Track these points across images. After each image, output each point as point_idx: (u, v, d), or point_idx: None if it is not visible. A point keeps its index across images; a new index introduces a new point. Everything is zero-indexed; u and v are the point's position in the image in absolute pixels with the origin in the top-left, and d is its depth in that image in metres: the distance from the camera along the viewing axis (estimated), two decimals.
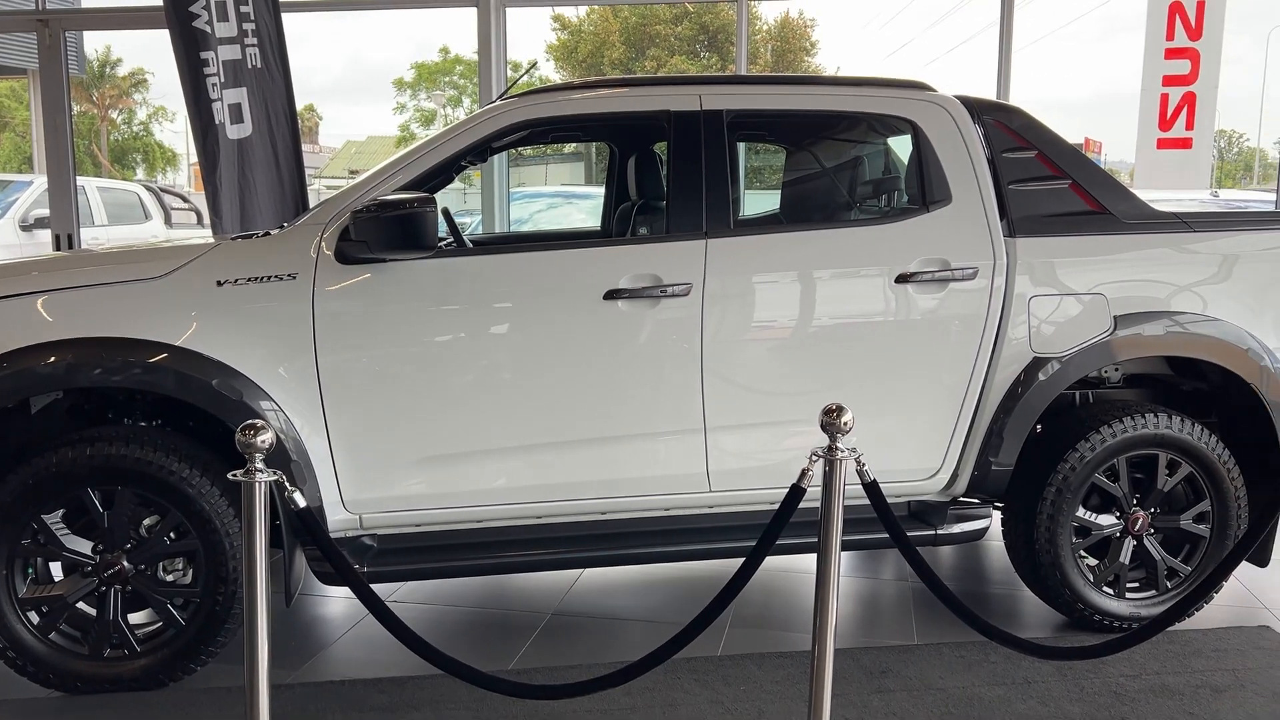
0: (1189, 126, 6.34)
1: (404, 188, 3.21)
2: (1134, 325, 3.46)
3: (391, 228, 2.98)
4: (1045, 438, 3.57)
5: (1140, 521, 3.56)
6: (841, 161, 4.06)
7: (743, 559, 3.55)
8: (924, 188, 3.47)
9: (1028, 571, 3.63)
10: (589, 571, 4.17)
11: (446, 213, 4.10)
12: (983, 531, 3.57)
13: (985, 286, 3.42)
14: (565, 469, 3.28)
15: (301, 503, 2.20)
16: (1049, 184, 3.54)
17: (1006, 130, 3.57)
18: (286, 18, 5.88)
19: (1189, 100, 6.24)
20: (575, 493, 3.31)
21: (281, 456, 3.03)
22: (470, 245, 4.20)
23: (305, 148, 6.28)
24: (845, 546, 3.35)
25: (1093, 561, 3.64)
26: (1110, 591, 3.59)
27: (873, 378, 3.41)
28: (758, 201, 7.94)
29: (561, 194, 14.80)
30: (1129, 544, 3.58)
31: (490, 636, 3.62)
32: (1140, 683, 3.23)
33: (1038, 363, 3.45)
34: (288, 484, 2.18)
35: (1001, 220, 3.47)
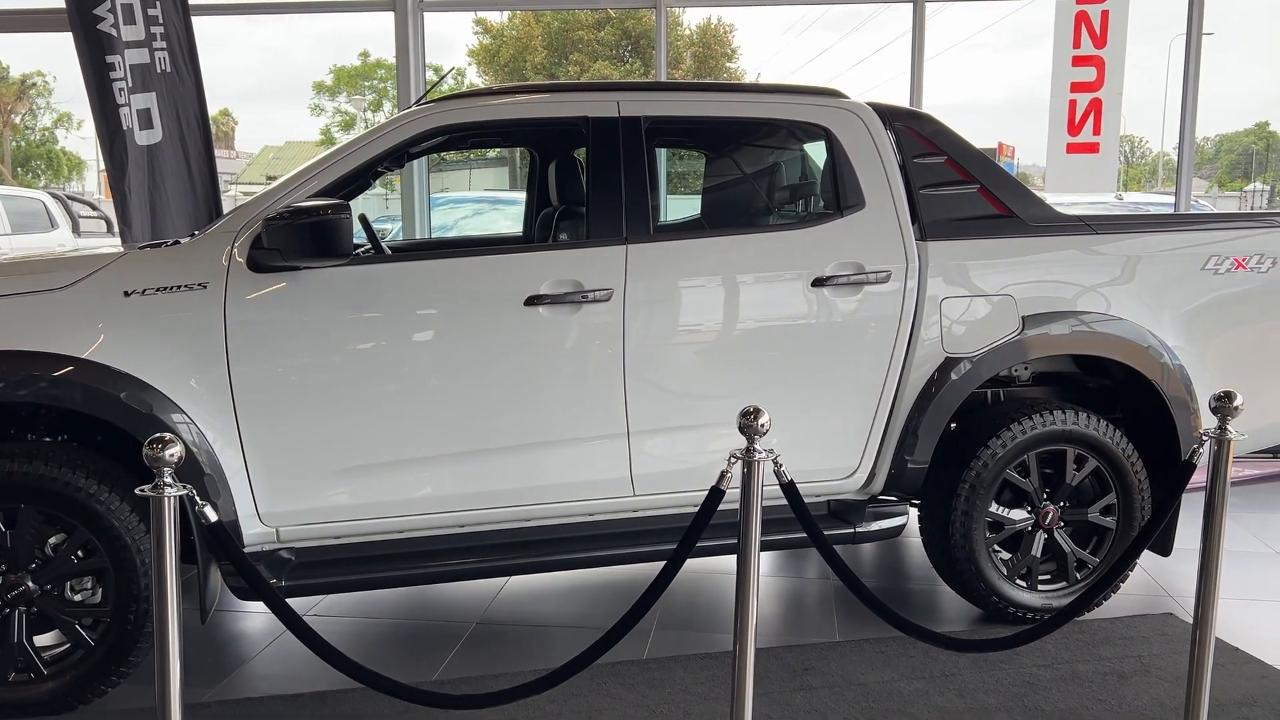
0: (1096, 131, 6.56)
1: (318, 194, 3.16)
2: (1041, 325, 3.57)
3: (305, 235, 2.94)
4: (959, 436, 3.66)
5: (1050, 515, 3.67)
6: (758, 167, 4.11)
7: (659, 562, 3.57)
8: (838, 193, 3.54)
9: (944, 566, 3.72)
10: (514, 579, 4.15)
11: (364, 219, 4.06)
12: (900, 529, 3.65)
13: (898, 289, 3.50)
14: (487, 476, 3.26)
15: (213, 517, 2.15)
16: (958, 189, 3.63)
17: (917, 136, 3.66)
18: (199, 20, 5.75)
19: (1095, 106, 6.47)
20: (498, 500, 3.29)
21: (194, 470, 2.95)
22: (389, 252, 4.16)
23: (221, 153, 6.14)
24: (765, 546, 3.39)
25: (1006, 555, 3.74)
26: (1023, 584, 3.70)
27: (791, 380, 3.46)
28: (686, 207, 8.00)
29: (486, 199, 14.71)
30: (1040, 537, 3.69)
31: (414, 647, 3.58)
32: (1052, 671, 3.33)
33: (950, 363, 3.54)
34: (197, 498, 2.13)
35: (913, 224, 3.55)
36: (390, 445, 3.18)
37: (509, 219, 11.86)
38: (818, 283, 3.44)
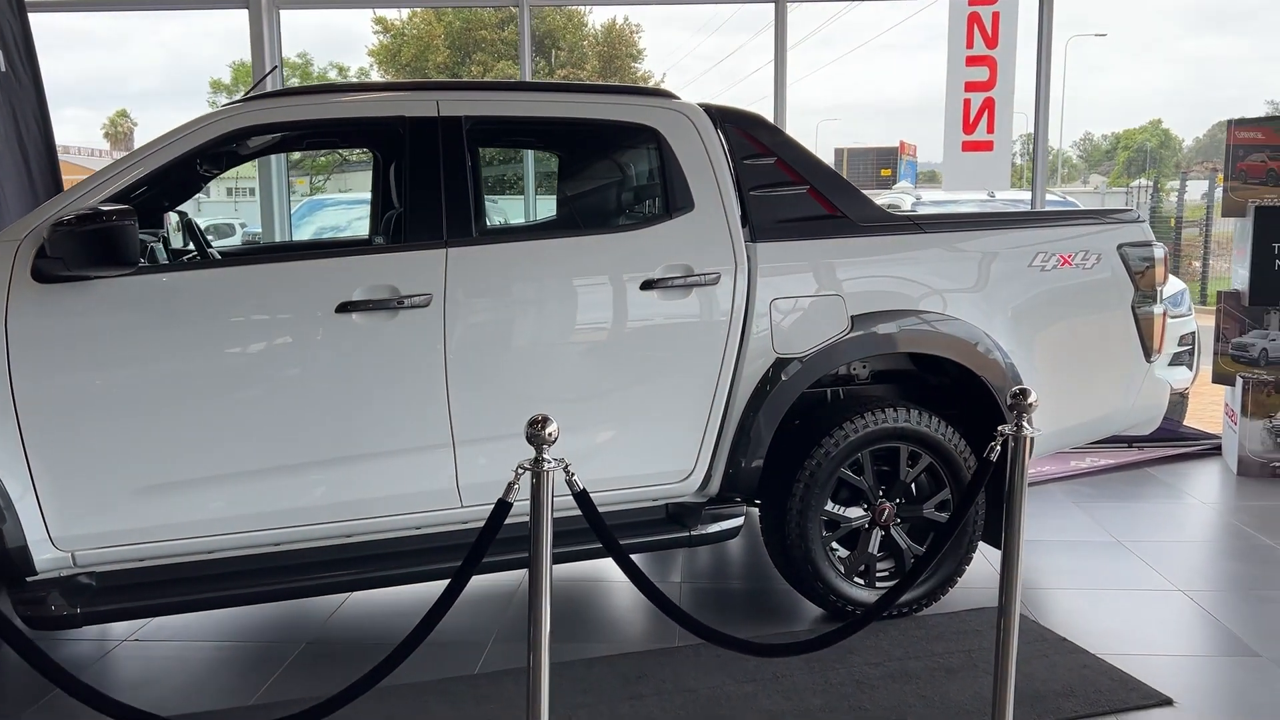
0: (990, 130, 6.68)
1: (114, 198, 3.00)
2: (870, 324, 3.59)
3: (88, 242, 2.78)
4: (795, 435, 3.66)
5: (886, 512, 3.69)
6: (587, 169, 4.06)
7: (510, 571, 3.52)
8: (667, 195, 3.50)
9: (783, 566, 3.72)
10: (356, 594, 4.03)
11: (190, 224, 3.90)
12: (736, 530, 3.63)
13: (728, 291, 3.48)
14: (304, 492, 3.14)
15: None
16: (788, 190, 3.63)
17: (747, 137, 3.65)
18: (97, 19, 5.50)
19: (989, 105, 6.58)
20: (316, 517, 3.17)
21: None
22: (218, 256, 4.01)
23: (120, 154, 5.86)
24: (573, 557, 3.34)
25: (846, 553, 3.75)
26: (861, 581, 3.72)
27: (623, 383, 3.42)
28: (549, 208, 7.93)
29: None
30: (877, 534, 3.72)
31: (237, 670, 3.44)
32: (882, 669, 3.35)
33: (780, 363, 3.53)
34: None
35: (744, 225, 3.54)
36: (195, 462, 3.04)
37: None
38: (647, 285, 3.40)
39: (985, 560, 4.24)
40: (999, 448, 2.70)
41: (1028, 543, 4.64)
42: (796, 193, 3.64)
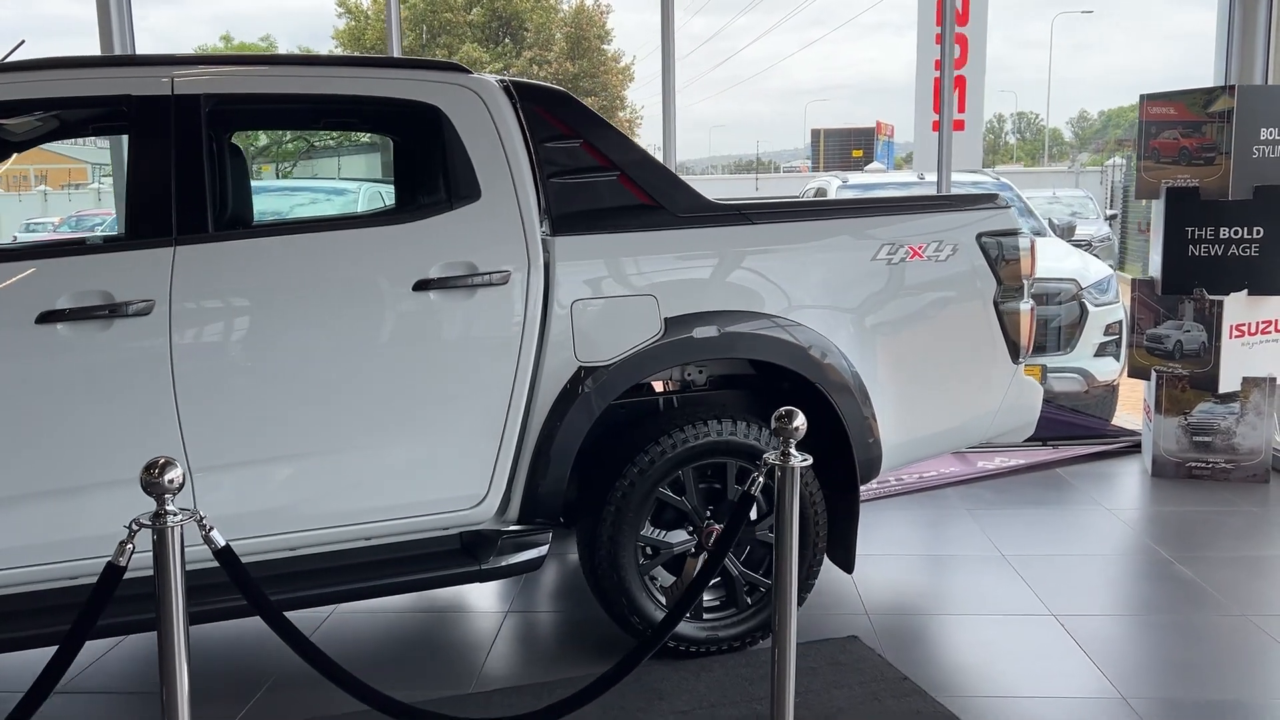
0: (961, 109, 6.49)
1: None
2: (686, 328, 3.18)
3: None
4: (606, 452, 3.26)
5: (714, 535, 3.30)
6: (369, 155, 3.63)
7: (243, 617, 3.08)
8: (448, 182, 3.09)
9: (597, 595, 3.32)
10: (133, 638, 3.60)
11: None
12: (538, 560, 3.21)
13: (520, 291, 3.07)
14: (7, 531, 2.73)
15: None
16: (596, 176, 3.22)
17: (550, 117, 3.22)
18: (83, 8, 5.03)
19: (960, 84, 6.41)
20: (26, 558, 2.76)
21: None
22: None
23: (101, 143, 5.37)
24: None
25: (672, 580, 3.36)
26: (686, 614, 3.32)
27: (396, 400, 3.00)
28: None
29: (320, 189, 13.98)
30: (703, 560, 3.32)
31: None
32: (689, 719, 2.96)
33: (584, 372, 3.13)
34: None
35: (542, 217, 3.13)
36: None
37: (335, 207, 11.25)
38: (421, 286, 2.99)
39: (848, 582, 3.85)
40: (761, 479, 2.30)
41: (906, 557, 4.29)
42: (605, 180, 3.22)
